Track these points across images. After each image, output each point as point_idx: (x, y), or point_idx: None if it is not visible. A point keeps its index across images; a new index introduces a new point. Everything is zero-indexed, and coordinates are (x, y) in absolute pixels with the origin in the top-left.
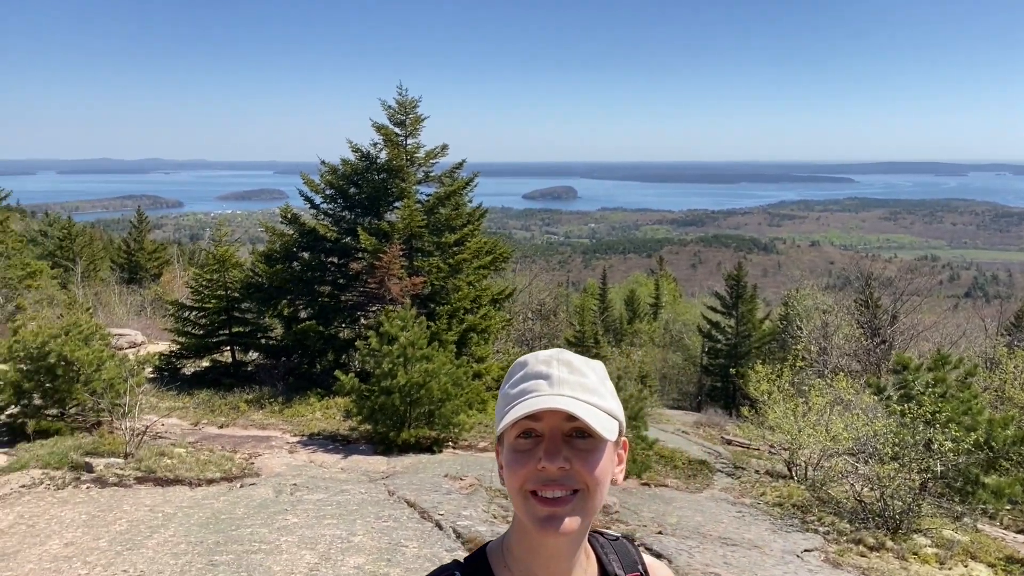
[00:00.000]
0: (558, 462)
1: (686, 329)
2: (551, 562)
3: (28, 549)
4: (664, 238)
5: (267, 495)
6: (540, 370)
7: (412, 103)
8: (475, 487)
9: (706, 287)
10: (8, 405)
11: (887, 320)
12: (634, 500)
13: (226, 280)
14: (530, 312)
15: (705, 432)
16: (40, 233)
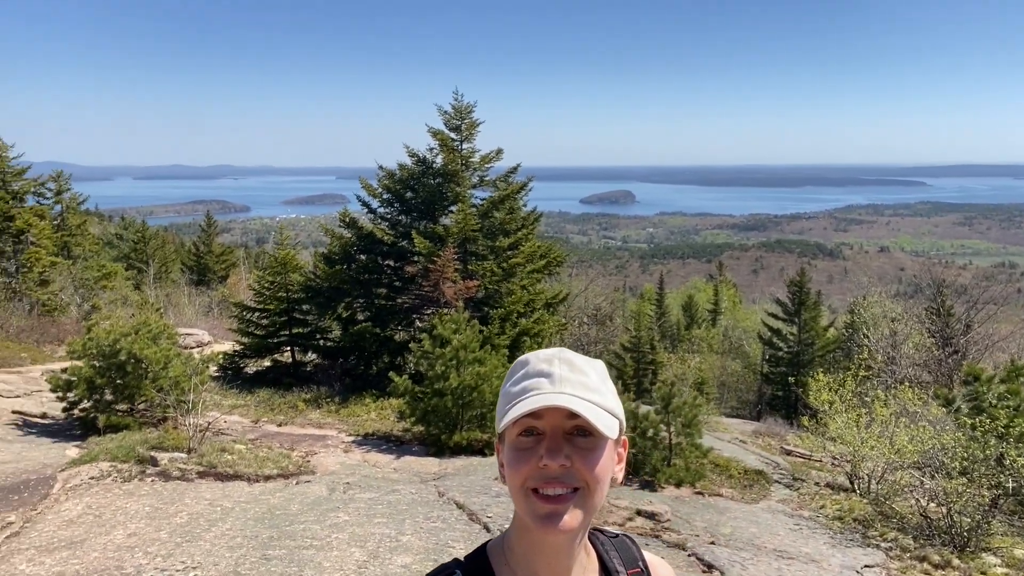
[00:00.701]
0: (559, 460)
1: (746, 336)
2: (552, 559)
3: (94, 538)
4: (724, 243)
5: (321, 493)
6: (542, 368)
7: (467, 108)
8: None
9: (767, 293)
10: (81, 400)
11: (960, 329)
12: (687, 509)
13: (287, 282)
14: (585, 317)
15: (764, 442)
16: (116, 236)
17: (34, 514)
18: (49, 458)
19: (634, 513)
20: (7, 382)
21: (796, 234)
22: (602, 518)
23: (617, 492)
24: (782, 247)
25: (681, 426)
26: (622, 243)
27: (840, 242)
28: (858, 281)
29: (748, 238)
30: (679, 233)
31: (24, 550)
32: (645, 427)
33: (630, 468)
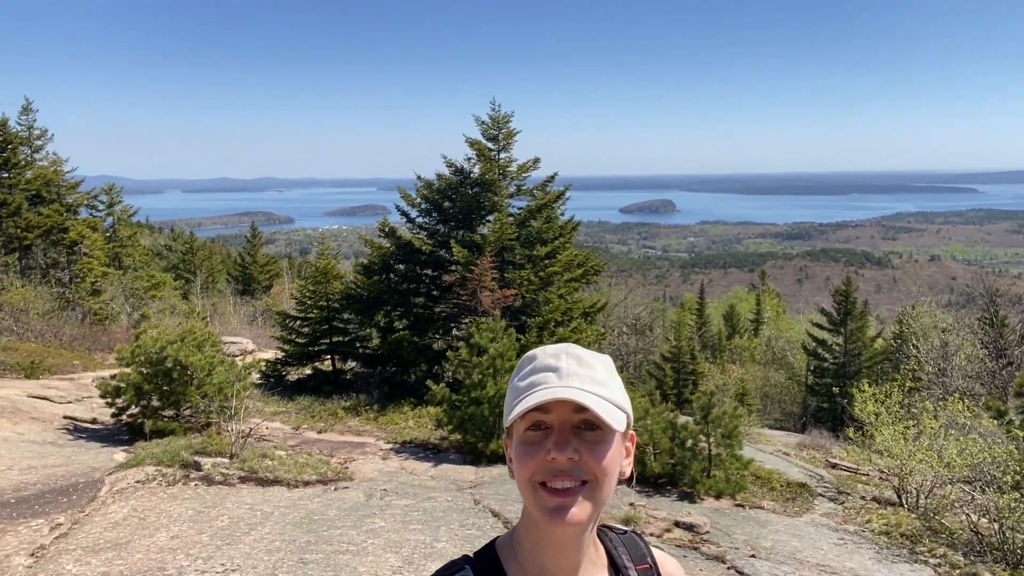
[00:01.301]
0: (567, 453)
1: (790, 346)
2: (561, 553)
3: (138, 540)
4: (767, 252)
5: (358, 499)
6: (549, 363)
7: (505, 118)
8: None
9: (813, 303)
10: (129, 405)
11: (1014, 340)
12: (726, 521)
13: (327, 291)
14: (625, 327)
15: (808, 454)
16: (165, 248)
17: (82, 516)
18: (98, 462)
19: (672, 524)
20: (60, 388)
21: (842, 243)
22: (639, 528)
23: (655, 503)
24: (827, 256)
25: (721, 437)
26: (662, 252)
27: (888, 251)
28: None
29: (792, 247)
30: (721, 242)
31: (72, 550)
32: (684, 437)
33: (668, 479)
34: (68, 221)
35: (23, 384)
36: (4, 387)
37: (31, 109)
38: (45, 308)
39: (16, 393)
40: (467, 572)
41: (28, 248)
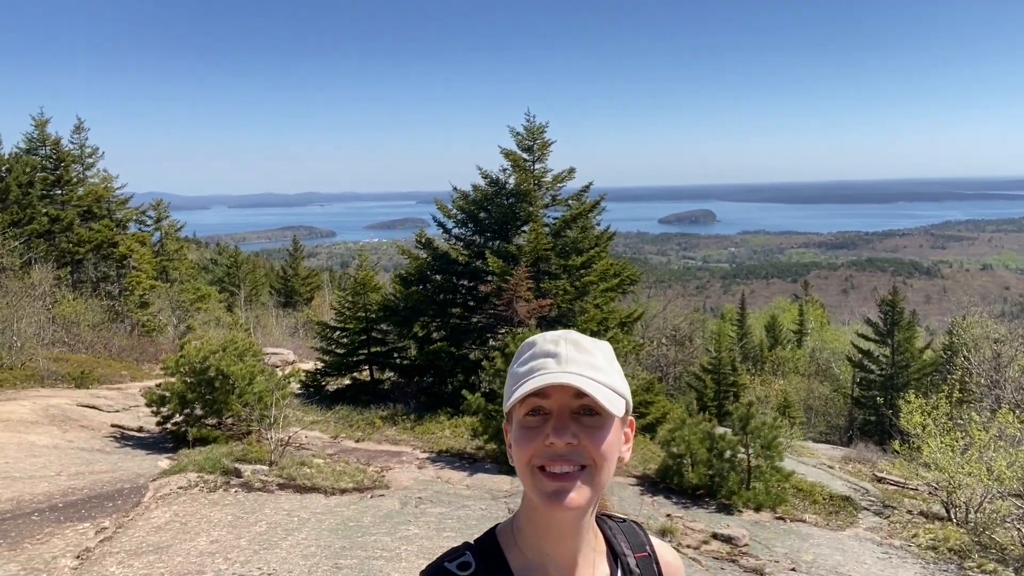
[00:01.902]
0: (566, 437)
1: (835, 358)
2: (560, 539)
3: (179, 544)
4: (811, 262)
5: (393, 506)
6: (548, 349)
7: (539, 128)
8: None
9: (859, 314)
10: (174, 414)
11: None
12: (766, 534)
13: (366, 302)
14: (664, 338)
15: (853, 468)
16: (211, 261)
17: (126, 520)
18: (142, 468)
19: (709, 536)
20: (108, 398)
21: (889, 252)
22: (676, 540)
23: (693, 514)
24: (874, 265)
25: (760, 448)
26: (702, 263)
27: (937, 260)
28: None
29: (837, 256)
30: (762, 252)
31: (115, 553)
32: (722, 448)
33: (706, 490)
34: (118, 236)
35: (73, 393)
36: (55, 396)
37: (83, 128)
38: (95, 320)
39: (66, 402)
40: (467, 557)
41: (80, 262)
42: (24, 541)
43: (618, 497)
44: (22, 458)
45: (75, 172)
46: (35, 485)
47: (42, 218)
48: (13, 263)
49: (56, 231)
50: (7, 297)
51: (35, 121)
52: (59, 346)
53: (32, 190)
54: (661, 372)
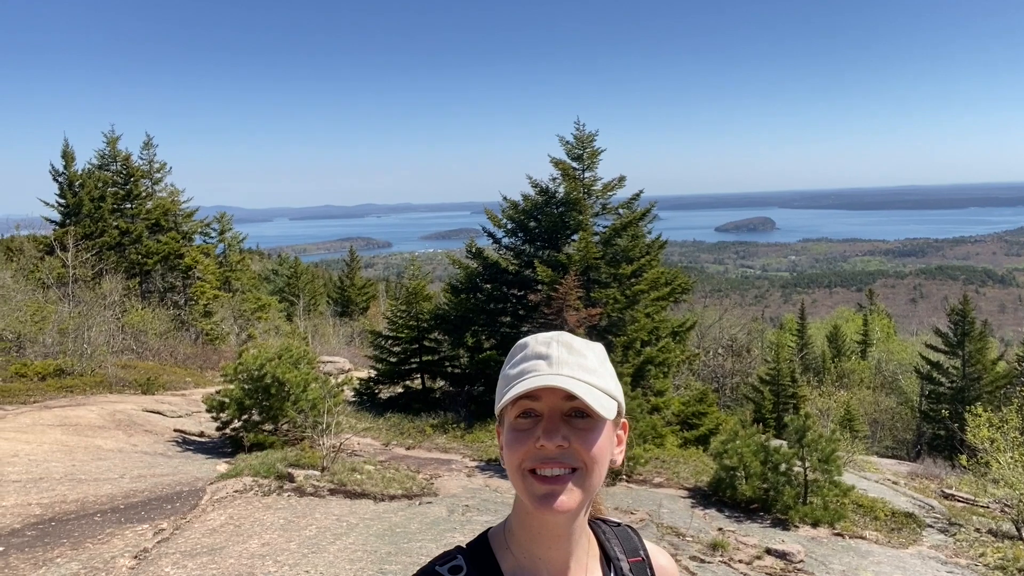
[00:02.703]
0: (556, 440)
1: (901, 370)
2: (552, 542)
3: (232, 546)
4: (877, 270)
5: (440, 514)
6: (540, 351)
7: (589, 137)
8: (645, 522)
9: (928, 324)
10: (232, 419)
11: None
12: (823, 550)
13: (418, 312)
14: (720, 348)
15: (919, 484)
16: (272, 272)
17: (183, 522)
18: (201, 472)
19: (763, 551)
20: (172, 404)
21: (960, 259)
22: (728, 555)
23: (746, 528)
24: (944, 274)
25: (817, 461)
26: (761, 272)
27: (1012, 267)
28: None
29: (904, 264)
30: (824, 260)
31: (171, 554)
32: (777, 461)
33: (760, 504)
34: (183, 248)
35: (139, 399)
36: (123, 402)
37: (151, 144)
38: (162, 329)
39: (132, 407)
40: (459, 561)
41: (148, 273)
42: (86, 541)
43: (668, 510)
44: (89, 461)
45: (144, 187)
46: (99, 487)
47: (113, 231)
48: (85, 274)
49: (126, 243)
50: (79, 307)
51: (107, 138)
52: (127, 353)
53: (104, 204)
54: (717, 383)
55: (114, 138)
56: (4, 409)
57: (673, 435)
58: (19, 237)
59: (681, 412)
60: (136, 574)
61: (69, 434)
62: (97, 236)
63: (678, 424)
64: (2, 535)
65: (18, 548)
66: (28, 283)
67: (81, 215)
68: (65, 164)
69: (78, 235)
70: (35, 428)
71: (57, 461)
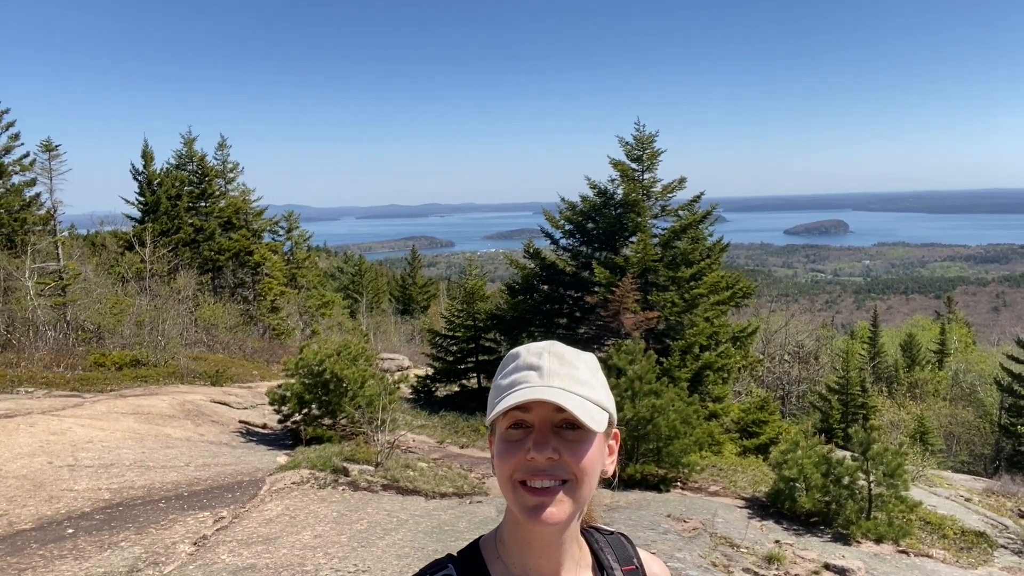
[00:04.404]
0: (546, 452)
1: (981, 382)
2: (542, 553)
3: (286, 536)
4: (957, 276)
5: (489, 513)
6: (531, 362)
7: (649, 138)
8: (699, 531)
9: (1011, 334)
10: (293, 413)
11: None
12: (886, 568)
13: (474, 312)
14: (786, 354)
15: (995, 501)
16: (337, 269)
17: (242, 511)
18: (262, 463)
19: (821, 566)
20: (239, 396)
21: None
22: (784, 568)
23: (804, 542)
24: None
25: (883, 475)
26: (832, 276)
27: None
28: None
29: (987, 271)
30: (901, 266)
31: (228, 542)
32: (840, 474)
33: (821, 518)
34: (253, 245)
35: (208, 390)
36: (192, 392)
37: (225, 145)
38: (231, 323)
39: (201, 398)
40: (450, 570)
41: (220, 269)
42: (150, 526)
43: (723, 519)
44: (158, 449)
45: (218, 186)
46: (166, 474)
47: (187, 228)
48: (161, 269)
49: (200, 240)
50: (155, 300)
51: (184, 139)
52: (199, 346)
53: (180, 202)
54: (783, 391)
55: (191, 139)
56: (82, 396)
57: (731, 443)
58: (102, 233)
59: (740, 419)
60: (194, 559)
61: (141, 422)
62: (173, 233)
63: (737, 432)
64: (72, 518)
65: (86, 531)
66: (109, 277)
67: (159, 212)
68: (144, 164)
69: (155, 232)
70: (110, 416)
71: (128, 448)
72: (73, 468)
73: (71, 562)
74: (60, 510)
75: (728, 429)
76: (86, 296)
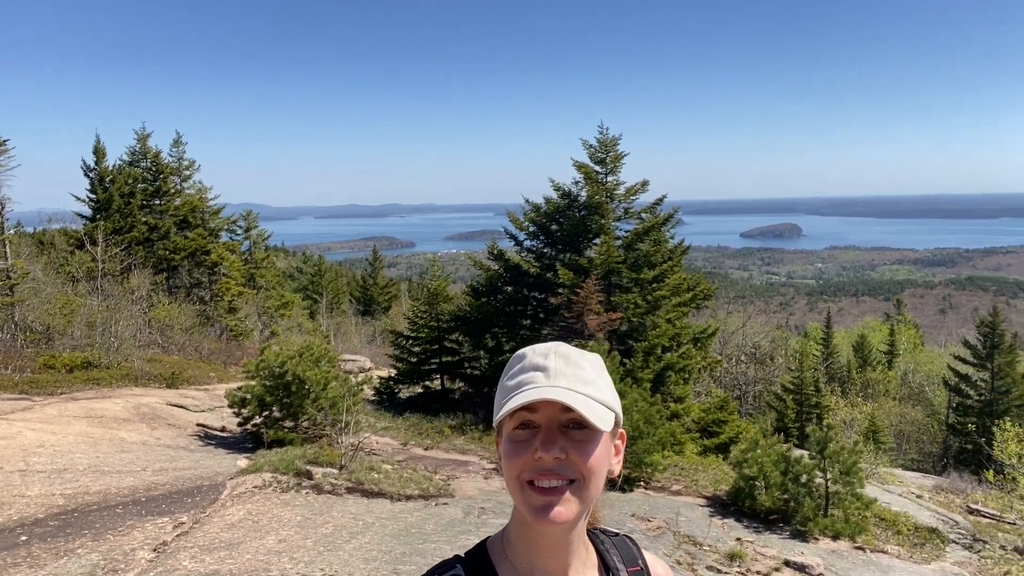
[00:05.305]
0: (554, 452)
1: (929, 382)
2: (549, 552)
3: (249, 541)
4: (905, 279)
5: (456, 515)
6: (537, 362)
7: (612, 141)
8: (662, 530)
9: (957, 335)
10: (254, 415)
11: None
12: (843, 564)
13: (438, 312)
14: (743, 355)
15: (945, 498)
16: (296, 270)
17: (203, 516)
18: (222, 467)
19: (781, 563)
20: (195, 398)
21: (991, 270)
22: (745, 565)
23: (764, 539)
24: (974, 284)
25: (839, 473)
26: (787, 279)
27: None
28: None
29: (934, 274)
30: (852, 268)
31: (189, 548)
32: (798, 472)
33: (780, 516)
34: (210, 244)
35: (163, 393)
36: (147, 395)
37: (181, 142)
38: (188, 324)
39: (156, 401)
40: (458, 570)
41: (175, 269)
42: (107, 532)
43: (686, 518)
44: (112, 453)
45: (173, 183)
46: (122, 479)
47: (141, 226)
48: (114, 269)
49: (154, 239)
50: (108, 301)
51: (137, 135)
52: (153, 348)
53: (133, 200)
54: (740, 391)
55: (145, 135)
56: (32, 400)
57: (693, 442)
58: (51, 231)
59: (701, 419)
60: (155, 567)
61: (94, 426)
62: (126, 231)
63: (698, 431)
64: (26, 524)
65: (41, 538)
66: (58, 276)
67: (111, 210)
68: (96, 160)
69: (108, 230)
70: (61, 419)
71: (81, 452)
72: (24, 473)
73: (26, 570)
74: (12, 517)
75: (689, 429)
76: (35, 296)
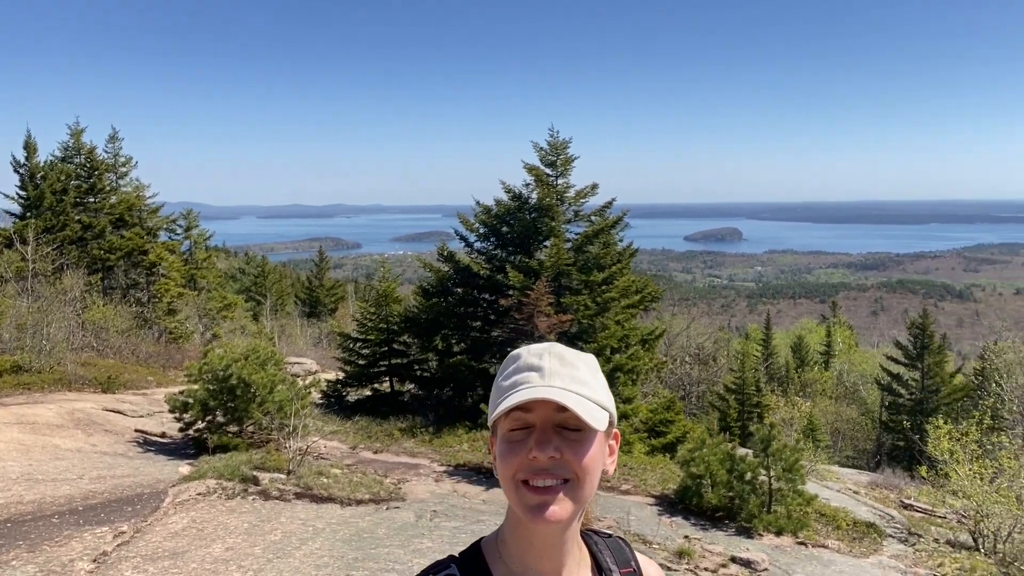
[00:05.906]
0: (548, 452)
1: (863, 381)
2: (544, 552)
3: (195, 550)
4: (840, 282)
5: (408, 519)
6: (532, 362)
7: (563, 144)
8: (613, 529)
9: (889, 336)
10: (196, 420)
11: None
12: (786, 559)
13: (387, 314)
14: (688, 356)
15: (880, 494)
16: (239, 270)
17: (144, 525)
18: (163, 474)
19: (728, 559)
20: (133, 403)
21: (920, 274)
22: (693, 563)
23: (711, 536)
24: (904, 287)
25: (782, 471)
26: (728, 282)
27: (970, 283)
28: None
29: (867, 277)
30: (790, 272)
31: (131, 558)
32: (742, 470)
33: (726, 513)
34: (148, 244)
35: (99, 398)
36: (82, 400)
37: (117, 138)
38: (124, 326)
39: (92, 406)
40: (452, 570)
41: (110, 269)
42: (43, 543)
43: (636, 517)
44: (46, 461)
45: (108, 181)
46: (57, 488)
47: (75, 225)
48: (45, 269)
49: (88, 238)
50: (39, 302)
51: (71, 130)
52: (88, 351)
53: (66, 197)
54: (684, 391)
55: (78, 130)
56: None
57: (640, 442)
58: None
59: (649, 419)
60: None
61: (26, 433)
62: (58, 230)
63: (645, 431)
64: None
65: None
66: None
67: (42, 208)
68: (27, 156)
69: (38, 229)
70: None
71: (13, 460)
72: None
73: None
74: None
75: (637, 429)
76: None
